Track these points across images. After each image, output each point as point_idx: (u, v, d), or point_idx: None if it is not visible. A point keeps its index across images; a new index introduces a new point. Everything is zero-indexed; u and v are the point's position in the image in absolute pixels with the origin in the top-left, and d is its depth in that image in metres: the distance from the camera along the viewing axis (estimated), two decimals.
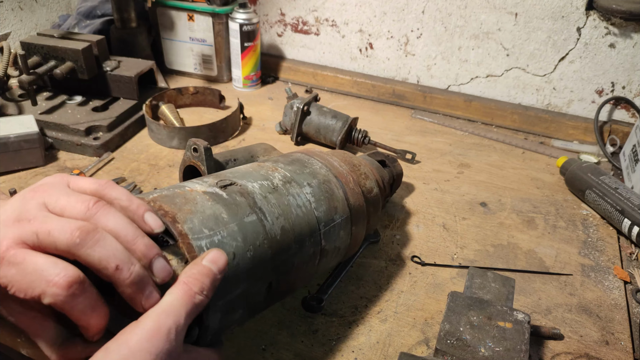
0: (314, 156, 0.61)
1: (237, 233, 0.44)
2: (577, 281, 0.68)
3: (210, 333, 0.41)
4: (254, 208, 0.47)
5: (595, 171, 0.83)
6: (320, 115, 0.94)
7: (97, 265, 0.34)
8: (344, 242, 0.57)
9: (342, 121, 0.92)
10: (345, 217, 0.56)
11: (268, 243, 0.46)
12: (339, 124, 0.92)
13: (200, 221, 0.42)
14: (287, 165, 0.56)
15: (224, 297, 0.42)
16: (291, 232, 0.49)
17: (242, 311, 0.45)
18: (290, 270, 0.50)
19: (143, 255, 0.36)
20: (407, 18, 1.12)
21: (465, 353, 0.49)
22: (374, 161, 0.73)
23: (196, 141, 0.68)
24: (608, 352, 0.58)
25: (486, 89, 1.13)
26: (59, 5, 1.28)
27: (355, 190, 0.59)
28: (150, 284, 0.36)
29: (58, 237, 0.34)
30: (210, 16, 1.15)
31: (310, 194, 0.54)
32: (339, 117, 0.93)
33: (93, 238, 0.35)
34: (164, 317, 0.34)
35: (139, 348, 0.33)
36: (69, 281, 0.33)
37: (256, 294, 0.46)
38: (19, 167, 0.85)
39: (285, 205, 0.50)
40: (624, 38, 0.96)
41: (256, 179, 0.51)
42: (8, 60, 1.02)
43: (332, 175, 0.58)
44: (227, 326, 0.45)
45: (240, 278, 0.43)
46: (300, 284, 0.55)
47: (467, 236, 0.76)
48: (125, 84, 1.01)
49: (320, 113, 0.94)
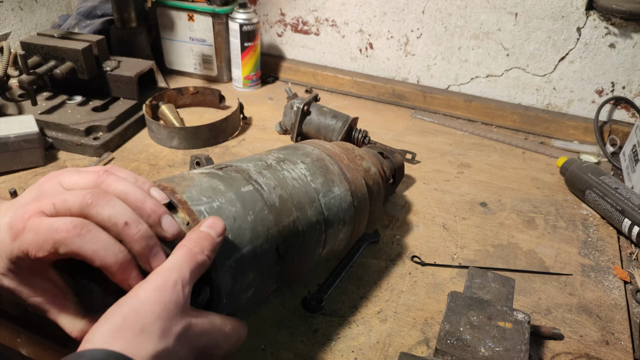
0: (306, 143, 0.63)
1: (235, 200, 0.46)
2: (577, 281, 0.68)
3: (223, 295, 0.43)
4: (249, 180, 0.49)
5: (595, 171, 0.83)
6: (320, 115, 0.94)
7: (107, 222, 0.37)
8: (347, 213, 0.58)
9: (342, 121, 0.92)
10: (344, 189, 0.57)
11: (267, 209, 0.48)
12: (339, 124, 0.92)
13: (198, 191, 0.44)
14: (280, 151, 0.59)
15: (231, 257, 0.43)
16: (289, 200, 0.51)
17: (253, 274, 0.46)
18: (296, 236, 0.51)
19: (152, 212, 0.39)
20: (407, 18, 1.12)
21: (465, 353, 0.49)
22: (371, 150, 0.74)
23: (197, 155, 0.70)
24: (608, 352, 0.58)
25: (486, 89, 1.13)
26: (59, 5, 1.29)
27: (351, 166, 0.61)
28: (157, 244, 0.39)
29: (71, 201, 0.38)
30: (210, 16, 1.15)
31: (304, 169, 0.55)
32: (339, 117, 0.93)
33: (103, 199, 0.38)
34: (169, 272, 0.37)
35: (148, 298, 0.35)
36: (75, 224, 0.36)
37: (265, 257, 0.47)
38: (19, 167, 0.85)
39: (281, 178, 0.52)
40: (624, 38, 0.96)
41: (250, 160, 0.54)
42: (8, 60, 1.02)
43: (325, 154, 0.60)
44: (244, 289, 0.46)
45: (244, 238, 0.45)
46: (311, 256, 0.55)
47: (467, 236, 0.76)
48: (125, 84, 1.01)
49: (320, 113, 0.94)
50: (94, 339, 0.34)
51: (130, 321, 0.34)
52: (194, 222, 0.41)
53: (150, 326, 0.35)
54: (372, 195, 0.63)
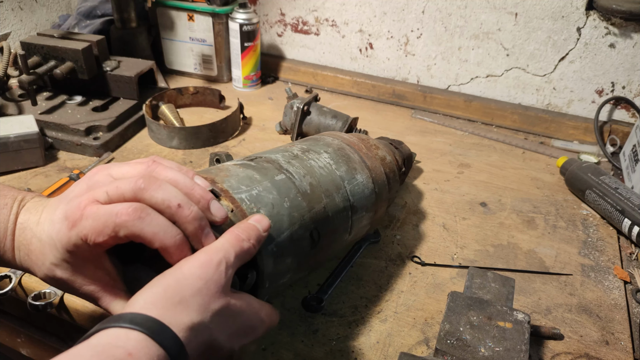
0: (324, 134, 0.66)
1: (271, 188, 0.48)
2: (577, 281, 0.68)
3: (266, 279, 0.46)
4: (281, 169, 0.52)
5: (595, 171, 0.83)
6: (320, 115, 0.94)
7: (161, 205, 0.39)
8: (369, 200, 0.60)
9: (342, 121, 0.92)
10: (365, 176, 0.60)
11: (301, 196, 0.50)
12: (339, 124, 0.92)
13: (237, 181, 0.47)
14: (302, 142, 0.62)
15: (273, 242, 0.46)
16: (319, 187, 0.53)
17: (291, 259, 0.49)
18: (327, 221, 0.53)
19: (201, 197, 0.41)
20: (407, 18, 1.12)
21: (465, 353, 0.49)
22: (382, 140, 0.76)
23: (217, 153, 0.71)
24: (608, 352, 0.58)
25: (486, 89, 1.13)
26: (59, 5, 1.29)
27: (369, 154, 0.63)
28: (208, 225, 0.41)
29: (125, 187, 0.39)
30: (210, 16, 1.15)
31: (328, 157, 0.58)
32: (339, 117, 0.93)
33: (155, 183, 0.39)
34: (215, 252, 0.39)
35: (191, 273, 0.37)
36: (134, 207, 0.38)
37: (301, 242, 0.50)
38: (19, 167, 0.85)
39: (309, 167, 0.54)
40: (624, 38, 0.96)
41: (277, 152, 0.56)
42: (8, 60, 1.02)
43: (344, 144, 0.62)
44: (283, 273, 0.48)
45: (283, 224, 0.47)
46: (339, 242, 0.58)
47: (467, 236, 0.76)
48: (125, 84, 1.01)
49: (320, 113, 0.94)
50: (135, 304, 0.36)
51: (170, 291, 0.36)
52: (237, 208, 0.44)
53: (189, 299, 0.36)
54: (390, 183, 0.66)
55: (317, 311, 0.61)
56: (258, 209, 0.45)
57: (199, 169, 0.89)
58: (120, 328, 0.33)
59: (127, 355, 0.32)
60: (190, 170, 0.44)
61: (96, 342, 0.33)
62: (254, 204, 0.45)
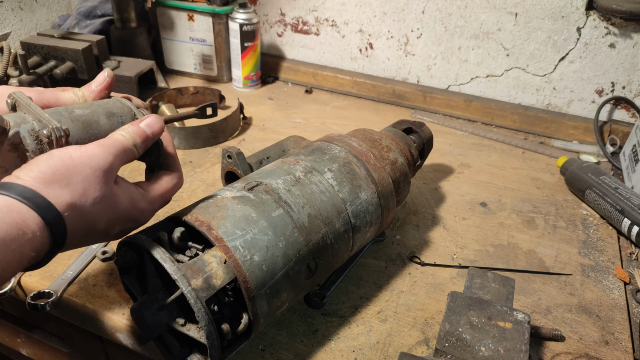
0: (333, 141, 0.64)
1: (267, 228, 0.49)
2: (577, 281, 0.68)
3: (261, 318, 0.47)
4: (279, 202, 0.52)
5: (595, 171, 0.83)
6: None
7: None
8: (374, 215, 0.60)
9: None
10: (370, 192, 0.59)
11: (298, 231, 0.51)
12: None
13: (232, 224, 0.47)
14: (308, 156, 0.60)
15: (266, 285, 0.47)
16: (318, 217, 0.53)
17: (287, 293, 0.50)
18: (325, 250, 0.54)
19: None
20: (407, 18, 1.12)
21: (465, 353, 0.49)
22: (398, 131, 0.74)
23: (229, 149, 0.72)
24: (608, 352, 0.58)
25: (486, 89, 1.13)
26: (59, 5, 1.28)
27: (377, 165, 0.62)
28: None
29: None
30: (210, 16, 1.15)
31: (332, 178, 0.57)
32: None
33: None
34: (105, 146, 0.43)
35: (81, 161, 0.41)
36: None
37: (297, 276, 0.51)
38: None
39: (309, 194, 0.54)
40: (624, 38, 0.96)
41: (279, 175, 0.56)
42: (8, 60, 1.02)
43: (351, 156, 0.61)
44: (278, 307, 0.50)
45: (277, 266, 0.48)
46: (340, 261, 0.59)
47: (467, 236, 0.76)
48: (125, 84, 1.01)
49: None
50: (23, 177, 0.39)
51: (59, 175, 0.40)
52: (231, 259, 0.45)
53: (75, 184, 0.40)
54: (398, 189, 0.65)
55: (319, 307, 0.61)
56: (252, 254, 0.46)
57: (199, 168, 0.89)
58: (11, 198, 0.37)
59: (21, 221, 0.36)
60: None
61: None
62: (248, 250, 0.46)
